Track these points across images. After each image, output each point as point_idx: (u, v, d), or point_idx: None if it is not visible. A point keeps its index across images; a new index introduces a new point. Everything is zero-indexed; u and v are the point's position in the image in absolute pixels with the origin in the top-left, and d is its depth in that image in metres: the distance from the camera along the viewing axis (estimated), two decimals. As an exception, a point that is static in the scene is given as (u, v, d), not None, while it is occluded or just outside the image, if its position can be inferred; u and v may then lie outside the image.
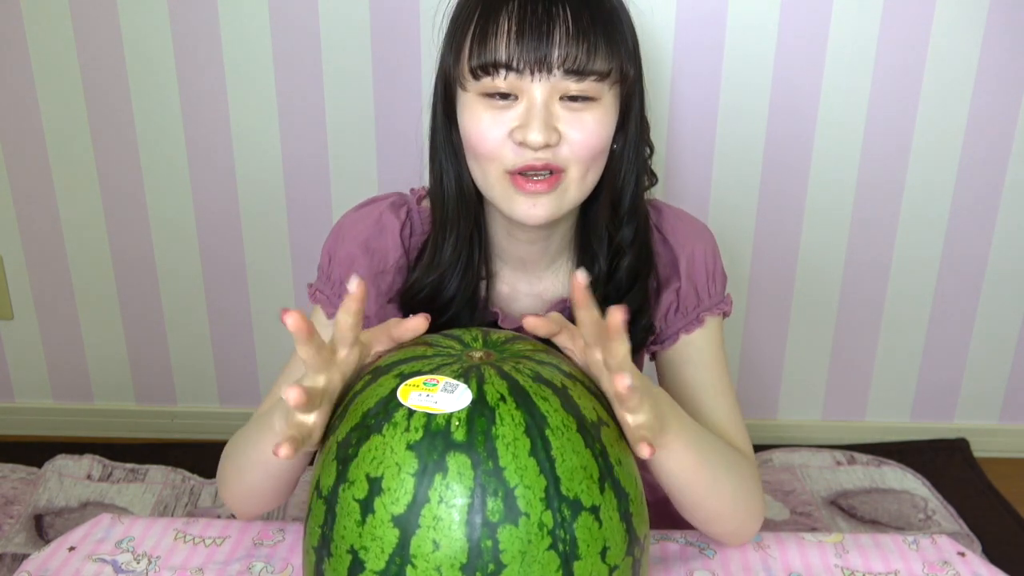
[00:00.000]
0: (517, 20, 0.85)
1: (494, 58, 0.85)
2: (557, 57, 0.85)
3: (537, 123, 0.85)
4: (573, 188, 0.90)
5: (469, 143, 0.90)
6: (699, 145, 1.85)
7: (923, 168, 1.86)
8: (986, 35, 1.75)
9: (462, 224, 0.96)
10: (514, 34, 0.85)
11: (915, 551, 0.92)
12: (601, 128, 0.88)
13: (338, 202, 1.88)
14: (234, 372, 2.06)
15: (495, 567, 0.64)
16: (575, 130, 0.87)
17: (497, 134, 0.87)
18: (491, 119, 0.87)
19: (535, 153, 0.87)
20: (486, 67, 0.86)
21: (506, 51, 0.85)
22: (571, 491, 0.65)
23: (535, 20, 0.85)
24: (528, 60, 0.85)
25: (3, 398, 2.14)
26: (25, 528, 1.73)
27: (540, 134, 0.85)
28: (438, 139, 0.96)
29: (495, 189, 0.90)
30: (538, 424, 0.66)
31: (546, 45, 0.84)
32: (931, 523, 1.78)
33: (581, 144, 0.88)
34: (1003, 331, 2.01)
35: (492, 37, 0.86)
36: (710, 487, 0.84)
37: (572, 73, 0.85)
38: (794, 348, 2.03)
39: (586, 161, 0.89)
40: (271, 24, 1.77)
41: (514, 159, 0.88)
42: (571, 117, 0.87)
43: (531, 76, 0.85)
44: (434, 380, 0.68)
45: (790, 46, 1.77)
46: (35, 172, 1.91)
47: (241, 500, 0.92)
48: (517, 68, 0.85)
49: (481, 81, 0.87)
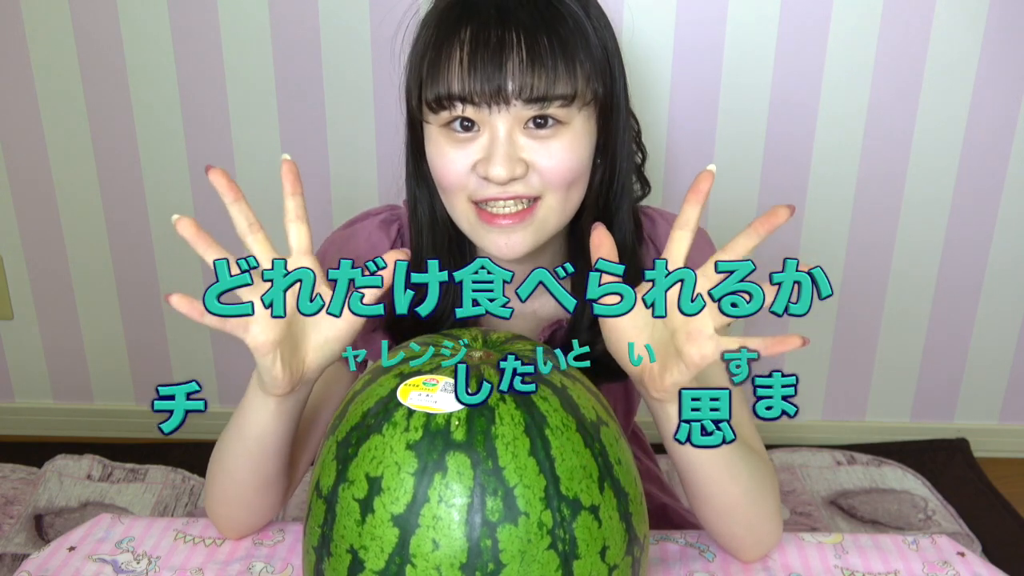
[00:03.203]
0: (469, 50, 0.81)
1: (448, 91, 0.82)
2: (512, 89, 0.81)
3: (499, 157, 0.82)
4: (553, 216, 0.86)
5: (436, 175, 0.87)
6: (699, 146, 1.85)
7: (923, 169, 1.86)
8: (986, 35, 1.75)
9: (439, 252, 0.93)
10: (466, 65, 0.81)
11: (915, 551, 0.92)
12: (571, 154, 0.84)
13: (338, 205, 1.89)
14: (234, 372, 2.06)
15: (495, 566, 0.64)
16: (543, 158, 0.83)
17: (460, 167, 0.84)
18: (454, 152, 0.84)
19: (502, 188, 0.83)
20: (440, 100, 0.83)
21: (459, 83, 0.81)
22: (571, 491, 0.65)
23: (487, 51, 0.81)
24: (483, 92, 0.81)
25: (3, 398, 2.14)
26: (25, 528, 1.73)
27: (504, 168, 0.81)
28: (410, 167, 0.94)
29: (464, 223, 0.88)
30: (537, 424, 0.66)
31: (500, 76, 0.80)
32: (931, 523, 1.78)
33: (552, 171, 0.84)
34: (1003, 331, 2.01)
35: (445, 69, 0.82)
36: (725, 473, 0.81)
37: (532, 102, 0.81)
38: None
39: (562, 187, 0.85)
40: (271, 24, 1.77)
41: (480, 190, 0.85)
42: (537, 146, 0.83)
43: (488, 108, 0.82)
44: (434, 380, 0.68)
45: (790, 46, 1.77)
46: (35, 172, 1.91)
47: (229, 507, 0.90)
48: (473, 101, 0.81)
49: (439, 114, 0.84)
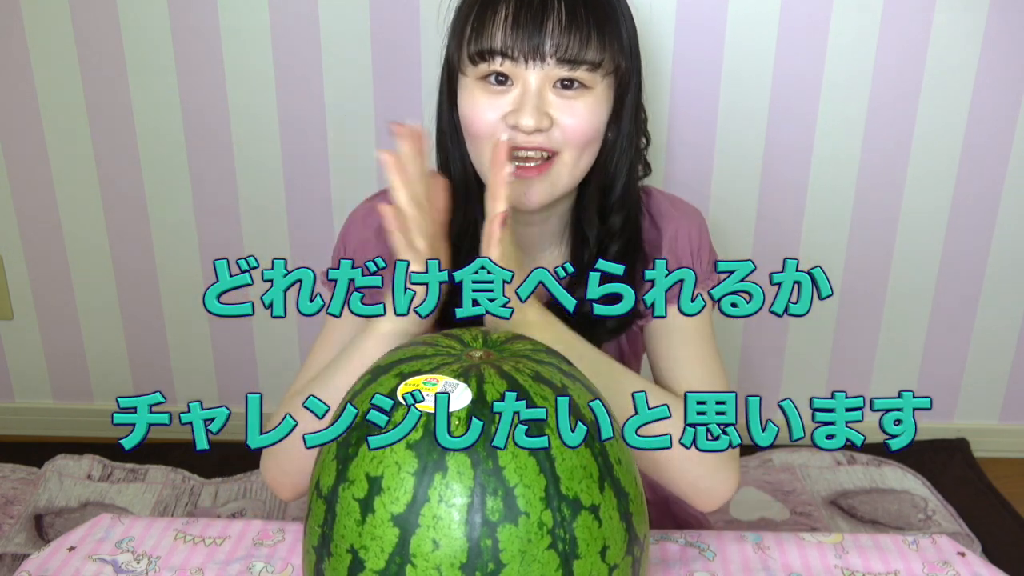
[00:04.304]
0: (514, 10, 0.90)
1: (490, 45, 0.90)
2: (550, 46, 0.89)
3: (529, 108, 0.90)
4: (566, 173, 0.94)
5: (466, 124, 0.95)
6: (699, 139, 1.85)
7: (923, 171, 1.86)
8: (986, 36, 1.75)
9: (467, 205, 1.00)
10: (510, 23, 0.89)
11: (915, 551, 0.92)
12: (592, 116, 0.92)
13: (338, 200, 1.88)
14: (234, 372, 2.06)
15: (495, 566, 0.64)
16: (567, 116, 0.91)
17: (492, 117, 0.92)
18: (487, 102, 0.92)
19: (527, 136, 0.91)
20: (483, 53, 0.91)
21: (502, 39, 0.90)
22: (571, 490, 0.65)
23: (531, 11, 0.89)
24: (522, 48, 0.89)
25: (3, 398, 2.14)
26: (25, 528, 1.73)
27: (532, 118, 0.89)
28: (443, 122, 1.01)
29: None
30: (537, 423, 0.66)
31: (540, 34, 0.89)
32: (931, 523, 1.78)
33: (573, 129, 0.92)
34: (1003, 331, 2.01)
35: (489, 25, 0.90)
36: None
37: (564, 62, 0.90)
38: (794, 347, 2.03)
39: (579, 146, 0.93)
40: (271, 23, 1.77)
41: None
42: (563, 104, 0.91)
43: (525, 64, 0.90)
44: (434, 380, 0.68)
45: (791, 40, 1.77)
46: (35, 172, 1.91)
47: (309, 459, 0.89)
48: (512, 56, 0.90)
49: (478, 67, 0.92)
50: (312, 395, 0.72)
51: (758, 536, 0.95)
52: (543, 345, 0.77)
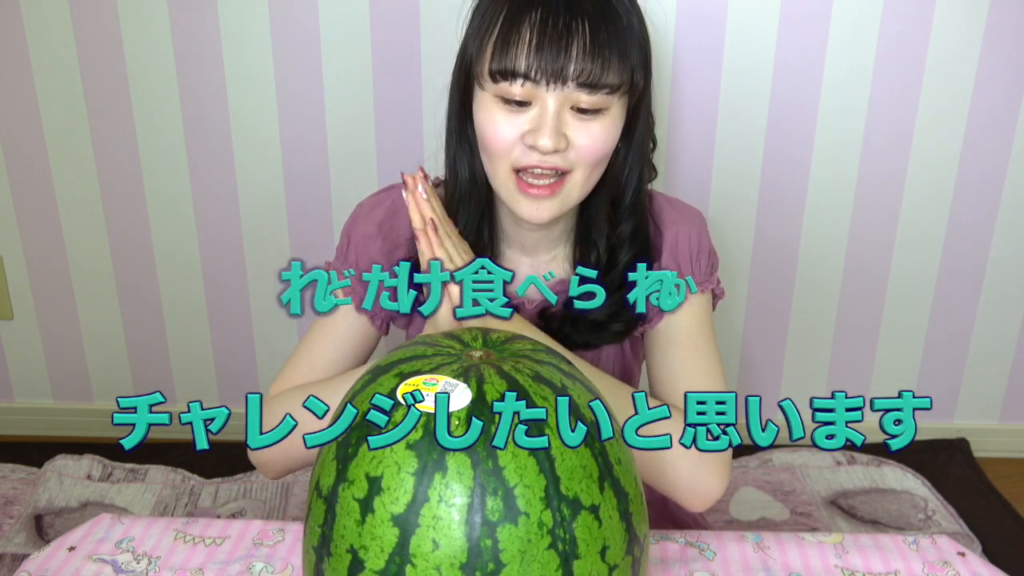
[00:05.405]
0: (538, 32, 0.89)
1: (513, 66, 0.90)
2: (573, 71, 0.89)
3: (548, 130, 0.91)
4: (576, 190, 0.96)
5: (482, 140, 0.95)
6: (699, 138, 1.85)
7: (923, 168, 1.86)
8: (986, 33, 1.75)
9: (472, 205, 1.02)
10: (534, 45, 0.89)
11: (915, 551, 0.92)
12: (607, 136, 0.94)
13: (338, 201, 1.88)
14: (234, 372, 2.06)
15: (495, 566, 0.64)
16: (583, 136, 0.92)
17: (509, 135, 0.93)
18: (505, 121, 0.92)
19: (543, 156, 0.92)
20: (504, 73, 0.91)
21: (525, 61, 0.90)
22: (571, 490, 0.65)
23: (555, 33, 0.89)
24: (545, 71, 0.90)
25: (3, 398, 2.14)
26: (25, 528, 1.73)
27: (550, 140, 0.90)
28: (453, 124, 1.01)
29: (503, 187, 0.96)
30: (537, 423, 0.66)
31: (563, 58, 0.89)
32: (931, 523, 1.78)
33: (587, 149, 0.93)
34: (1003, 331, 2.01)
35: (513, 46, 0.90)
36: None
37: (585, 86, 0.90)
38: (794, 347, 2.03)
39: (591, 165, 0.95)
40: (271, 23, 1.77)
41: (522, 158, 0.93)
42: (579, 125, 0.92)
43: (546, 86, 0.90)
44: (434, 380, 0.68)
45: (791, 37, 1.77)
46: (35, 173, 1.91)
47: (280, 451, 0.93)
48: (534, 78, 0.90)
49: (499, 85, 0.92)
50: (312, 395, 0.72)
51: (758, 536, 0.95)
52: (543, 345, 0.77)
